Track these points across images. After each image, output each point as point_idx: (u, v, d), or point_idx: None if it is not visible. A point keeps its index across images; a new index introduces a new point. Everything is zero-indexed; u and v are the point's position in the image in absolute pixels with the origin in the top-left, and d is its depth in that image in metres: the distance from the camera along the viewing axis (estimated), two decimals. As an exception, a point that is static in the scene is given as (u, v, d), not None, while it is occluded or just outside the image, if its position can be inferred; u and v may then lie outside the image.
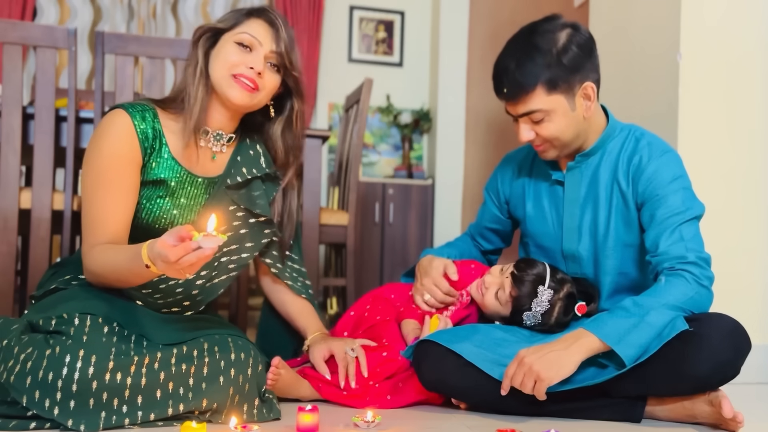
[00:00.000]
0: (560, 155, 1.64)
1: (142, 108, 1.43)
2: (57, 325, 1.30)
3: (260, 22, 1.47)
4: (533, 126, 1.57)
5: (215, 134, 1.50)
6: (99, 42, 2.09)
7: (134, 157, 1.40)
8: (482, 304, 1.68)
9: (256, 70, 1.44)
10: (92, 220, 1.38)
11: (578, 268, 1.69)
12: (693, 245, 1.49)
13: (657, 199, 1.54)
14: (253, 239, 1.59)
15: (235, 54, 1.44)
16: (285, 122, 1.58)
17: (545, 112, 1.54)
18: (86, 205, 1.40)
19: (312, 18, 4.27)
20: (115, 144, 1.39)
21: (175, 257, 1.12)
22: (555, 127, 1.56)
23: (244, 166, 1.54)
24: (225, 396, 1.32)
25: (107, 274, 1.34)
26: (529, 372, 1.36)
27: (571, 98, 1.55)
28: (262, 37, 1.46)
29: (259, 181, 1.57)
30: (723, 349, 1.38)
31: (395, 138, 4.51)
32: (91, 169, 1.39)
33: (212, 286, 1.56)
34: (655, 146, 1.60)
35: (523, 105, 1.55)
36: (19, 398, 1.21)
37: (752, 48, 2.07)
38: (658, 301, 1.42)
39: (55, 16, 3.97)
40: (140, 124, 1.41)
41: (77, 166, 2.37)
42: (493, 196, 1.88)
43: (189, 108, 1.44)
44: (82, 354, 1.22)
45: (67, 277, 1.46)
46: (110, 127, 1.40)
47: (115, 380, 1.22)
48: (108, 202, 1.37)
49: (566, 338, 1.41)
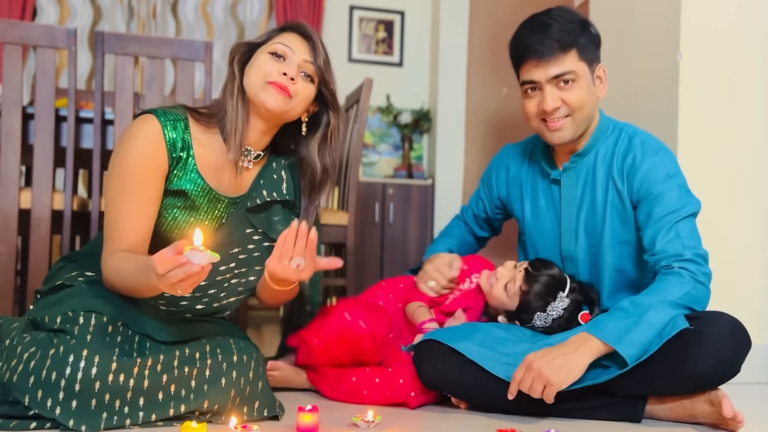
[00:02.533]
0: (574, 135, 1.62)
1: (175, 117, 1.41)
2: (62, 323, 1.30)
3: (294, 35, 1.47)
4: (560, 93, 1.57)
5: (245, 149, 1.48)
6: (99, 42, 2.09)
7: (160, 165, 1.38)
8: (489, 294, 1.68)
9: (289, 75, 1.42)
10: (113, 227, 1.36)
11: (575, 268, 1.69)
12: (690, 242, 1.50)
13: (652, 197, 1.55)
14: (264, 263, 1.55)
15: (269, 63, 1.43)
16: (321, 139, 1.55)
17: (576, 75, 1.57)
18: (108, 210, 1.38)
19: (312, 18, 4.27)
20: (142, 150, 1.36)
21: (163, 270, 1.10)
22: (581, 93, 1.57)
23: (265, 189, 1.50)
24: (226, 398, 1.32)
25: (119, 284, 1.33)
26: (539, 377, 1.36)
27: (592, 73, 1.60)
28: (296, 47, 1.45)
29: (279, 206, 1.53)
30: (723, 347, 1.39)
31: (395, 138, 4.51)
32: (117, 174, 1.37)
33: (219, 307, 1.53)
34: (649, 144, 1.61)
35: (557, 65, 1.56)
36: (21, 398, 1.21)
37: (752, 48, 2.07)
38: (655, 300, 1.43)
39: (55, 16, 3.97)
40: (170, 132, 1.39)
41: (77, 166, 2.38)
42: (486, 189, 1.89)
43: (233, 126, 1.42)
44: (85, 354, 1.22)
45: (73, 273, 1.45)
46: (139, 132, 1.38)
47: (117, 382, 1.22)
48: (130, 209, 1.35)
49: (572, 342, 1.41)
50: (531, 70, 1.58)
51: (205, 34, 4.20)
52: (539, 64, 1.56)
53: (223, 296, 1.51)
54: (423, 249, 4.27)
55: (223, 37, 4.17)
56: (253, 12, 4.23)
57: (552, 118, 1.59)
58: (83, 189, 3.71)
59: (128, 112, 2.11)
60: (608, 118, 1.69)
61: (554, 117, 1.59)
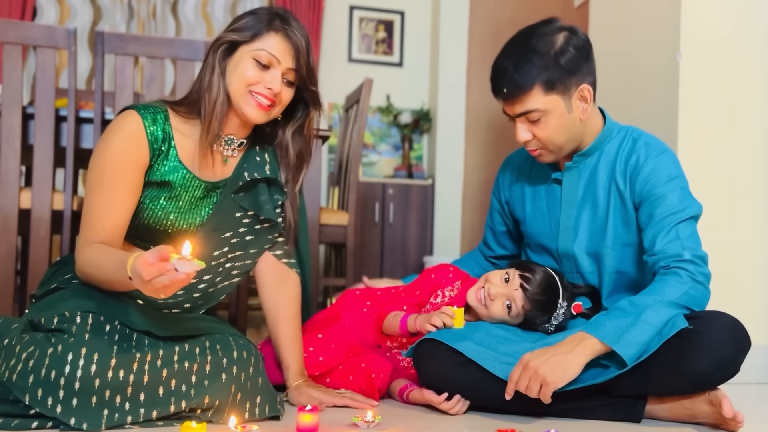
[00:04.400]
0: (557, 158, 1.65)
1: (154, 110, 1.44)
2: (59, 323, 1.30)
3: (279, 38, 1.44)
4: (530, 127, 1.59)
5: (227, 139, 1.50)
6: (99, 42, 2.09)
7: (140, 159, 1.41)
8: (487, 315, 1.64)
9: (273, 91, 1.43)
10: (89, 218, 1.39)
11: (573, 266, 1.70)
12: (689, 243, 1.50)
13: (654, 198, 1.55)
14: (257, 245, 1.60)
15: (253, 70, 1.43)
16: (297, 128, 1.58)
17: (542, 112, 1.56)
18: (87, 202, 1.40)
19: (312, 18, 4.27)
20: (123, 144, 1.39)
21: (149, 276, 1.12)
22: (552, 128, 1.57)
23: (247, 171, 1.54)
24: (227, 393, 1.33)
25: (93, 275, 1.35)
26: (535, 376, 1.36)
27: (568, 100, 1.57)
28: (280, 54, 1.44)
29: (264, 186, 1.57)
30: (723, 346, 1.39)
31: (395, 138, 4.51)
32: (95, 167, 1.40)
33: (215, 291, 1.57)
34: (652, 146, 1.61)
35: (520, 105, 1.57)
36: (21, 397, 1.21)
37: (752, 48, 2.07)
38: (653, 299, 1.43)
39: (55, 16, 3.97)
40: (150, 125, 1.41)
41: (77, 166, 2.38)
42: (496, 197, 1.91)
43: (207, 121, 1.43)
44: (84, 352, 1.22)
45: (67, 276, 1.46)
46: (120, 127, 1.41)
47: (117, 377, 1.23)
48: (107, 202, 1.38)
49: (569, 341, 1.41)
50: (502, 104, 1.62)
51: (205, 34, 4.20)
52: (505, 103, 1.60)
53: (218, 281, 1.56)
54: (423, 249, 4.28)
55: (223, 37, 4.17)
56: (253, 12, 4.23)
57: (528, 147, 1.63)
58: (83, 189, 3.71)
59: (128, 112, 2.11)
60: (614, 122, 1.69)
61: (529, 147, 1.63)
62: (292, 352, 1.57)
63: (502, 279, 1.63)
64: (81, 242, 1.39)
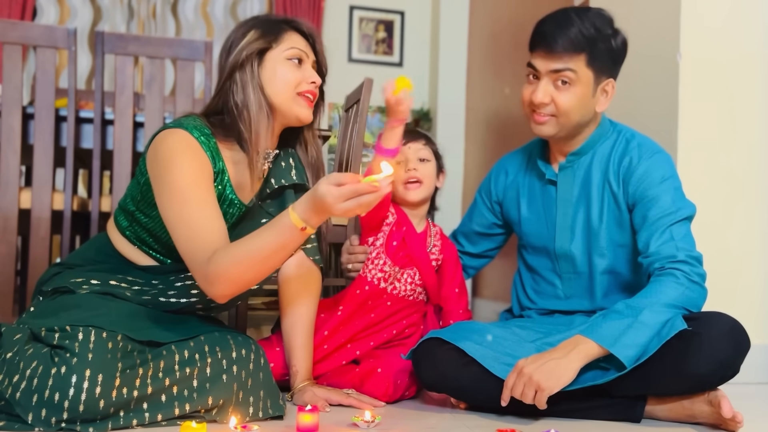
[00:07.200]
0: (557, 134, 1.63)
1: (204, 133, 1.40)
2: (60, 339, 1.27)
3: (296, 33, 1.47)
4: (553, 90, 1.58)
5: (265, 154, 1.48)
6: (99, 42, 2.09)
7: (209, 172, 1.38)
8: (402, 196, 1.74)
9: (316, 84, 1.45)
10: (194, 237, 1.31)
11: (571, 267, 1.69)
12: (683, 244, 1.50)
13: (648, 200, 1.55)
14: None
15: (293, 71, 1.43)
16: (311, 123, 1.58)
17: (576, 77, 1.56)
18: (180, 227, 1.32)
19: (312, 18, 4.27)
20: (192, 161, 1.35)
21: (355, 193, 1.16)
22: (573, 99, 1.57)
23: (274, 178, 1.53)
24: (229, 393, 1.33)
25: (249, 264, 1.26)
26: (529, 382, 1.36)
27: (596, 85, 1.59)
28: (304, 47, 1.46)
29: (291, 192, 1.56)
30: (723, 347, 1.39)
31: (395, 138, 4.51)
32: (175, 189, 1.33)
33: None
34: (646, 147, 1.61)
35: (561, 61, 1.56)
36: (24, 416, 1.21)
37: (752, 48, 2.07)
38: (650, 301, 1.43)
39: (55, 16, 3.97)
40: (205, 146, 1.39)
41: (77, 166, 2.38)
42: (485, 198, 1.89)
43: (254, 140, 1.41)
44: (88, 374, 1.21)
45: (79, 279, 1.42)
46: (180, 145, 1.36)
47: (122, 396, 1.23)
48: (203, 214, 1.32)
49: (564, 346, 1.41)
50: (537, 58, 1.60)
51: (205, 34, 4.20)
52: (546, 55, 1.58)
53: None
54: (423, 249, 4.26)
55: (222, 37, 4.16)
56: (253, 12, 4.23)
57: (539, 111, 1.60)
58: (83, 189, 3.71)
59: (128, 112, 2.11)
60: (609, 120, 1.69)
61: (541, 111, 1.60)
62: (303, 361, 1.55)
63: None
64: (199, 262, 1.29)
